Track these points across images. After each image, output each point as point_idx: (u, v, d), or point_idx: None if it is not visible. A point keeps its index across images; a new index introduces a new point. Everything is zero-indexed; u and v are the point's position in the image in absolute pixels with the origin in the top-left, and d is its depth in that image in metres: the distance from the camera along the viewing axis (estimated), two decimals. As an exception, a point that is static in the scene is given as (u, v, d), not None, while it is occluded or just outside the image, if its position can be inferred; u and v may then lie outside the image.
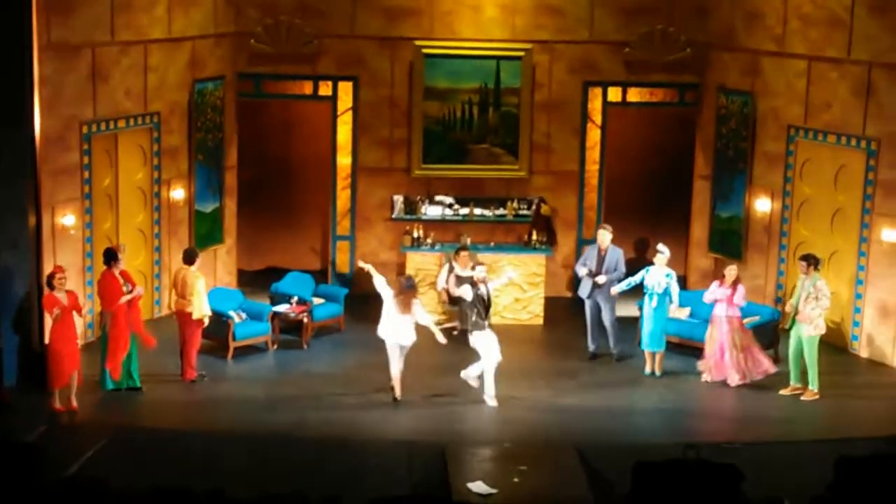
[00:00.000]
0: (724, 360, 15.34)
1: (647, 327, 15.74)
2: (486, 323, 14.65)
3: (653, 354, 15.82)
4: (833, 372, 15.89)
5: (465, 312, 17.15)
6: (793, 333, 15.13)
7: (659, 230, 19.75)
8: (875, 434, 12.79)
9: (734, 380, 15.29)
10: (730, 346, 15.31)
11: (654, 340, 15.73)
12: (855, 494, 8.37)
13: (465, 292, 14.71)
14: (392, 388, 14.76)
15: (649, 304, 15.72)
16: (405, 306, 14.69)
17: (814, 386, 15.02)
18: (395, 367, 14.72)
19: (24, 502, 8.75)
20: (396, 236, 18.55)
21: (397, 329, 14.70)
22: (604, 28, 18.65)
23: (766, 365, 15.40)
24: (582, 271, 16.31)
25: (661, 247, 15.97)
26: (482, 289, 14.71)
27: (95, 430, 13.57)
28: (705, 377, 15.51)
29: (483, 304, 14.61)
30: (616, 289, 16.13)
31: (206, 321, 15.33)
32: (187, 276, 15.19)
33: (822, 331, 15.02)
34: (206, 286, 15.47)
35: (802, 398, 15.02)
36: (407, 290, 14.86)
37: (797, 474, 11.96)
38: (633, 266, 16.95)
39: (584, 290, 16.42)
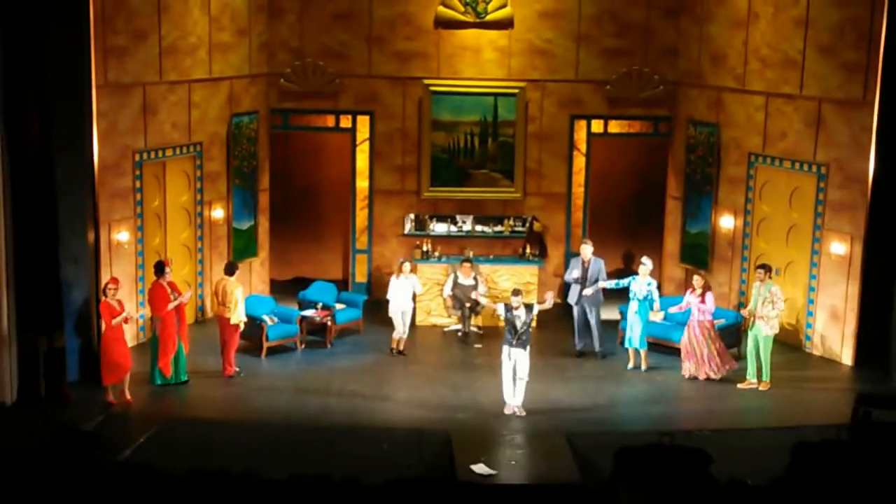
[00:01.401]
0: (702, 360, 15.28)
1: (634, 329, 15.71)
2: (514, 341, 13.80)
3: (637, 352, 15.79)
4: (789, 368, 15.87)
5: (467, 316, 17.20)
6: (751, 334, 15.11)
7: (637, 244, 19.75)
8: (825, 422, 12.68)
9: (715, 374, 15.25)
10: (705, 347, 15.24)
11: (641, 340, 15.72)
12: (809, 475, 8.34)
13: (499, 309, 14.10)
14: (396, 347, 16.33)
15: (633, 309, 15.70)
16: (398, 271, 16.43)
17: (767, 378, 15.05)
18: (398, 332, 16.25)
19: (83, 483, 8.73)
20: (408, 250, 18.51)
21: (397, 299, 16.24)
22: (588, 69, 18.62)
23: (731, 363, 15.39)
24: (587, 292, 16.20)
25: (644, 259, 16.00)
26: (515, 314, 13.80)
27: (146, 420, 13.56)
28: (689, 374, 15.45)
29: (511, 325, 13.80)
30: (603, 284, 16.15)
31: (242, 325, 15.31)
32: (227, 286, 15.19)
33: (776, 331, 15.01)
34: (242, 294, 15.45)
35: (759, 389, 15.01)
36: (401, 263, 16.53)
37: (758, 458, 11.89)
38: (620, 275, 16.91)
39: (572, 297, 16.39)
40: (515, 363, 13.85)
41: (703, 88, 18.02)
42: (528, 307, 14.00)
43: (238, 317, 15.13)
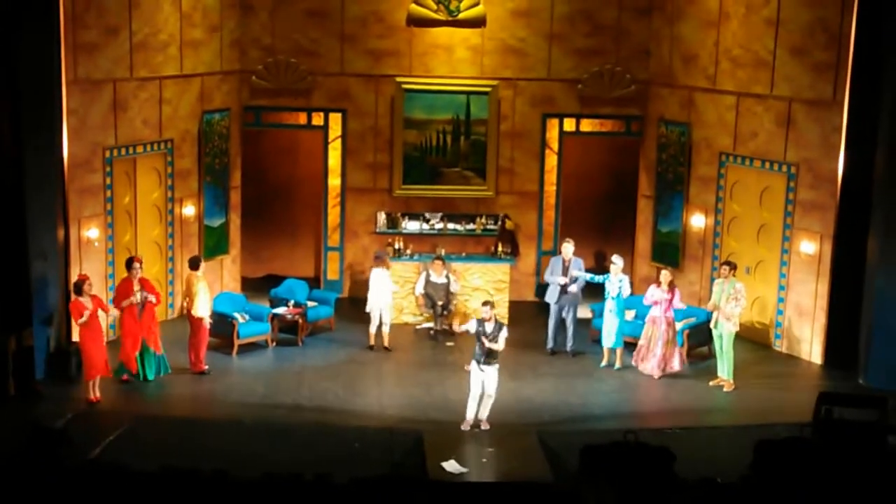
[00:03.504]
0: (664, 356, 15.43)
1: (609, 327, 15.84)
2: (482, 358, 13.32)
3: (612, 350, 15.92)
4: (758, 366, 16.08)
5: (439, 314, 17.28)
6: (715, 331, 15.27)
7: (608, 243, 19.90)
8: (792, 420, 12.87)
9: (655, 372, 15.41)
10: (662, 343, 15.40)
11: (617, 338, 15.86)
12: (772, 472, 8.48)
13: (470, 325, 13.61)
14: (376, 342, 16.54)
15: (608, 307, 15.85)
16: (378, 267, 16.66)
17: (730, 377, 15.18)
18: (373, 326, 16.47)
19: (52, 480, 8.75)
20: (380, 248, 18.53)
21: (376, 296, 16.41)
22: (560, 67, 18.72)
23: (679, 364, 15.51)
24: (560, 281, 16.36)
25: (615, 258, 16.14)
26: (485, 327, 13.35)
27: (116, 418, 13.55)
28: (640, 368, 15.62)
29: (479, 341, 13.33)
30: (577, 273, 16.27)
31: (207, 320, 15.28)
32: (190, 279, 15.28)
33: (737, 328, 15.16)
34: (207, 290, 15.38)
35: (724, 390, 15.15)
36: (377, 258, 16.79)
37: (727, 455, 12.03)
38: (594, 273, 17.03)
39: (552, 296, 16.49)
40: (484, 381, 13.43)
41: (675, 88, 18.17)
42: (500, 325, 13.50)
43: (198, 310, 15.15)
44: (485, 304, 13.82)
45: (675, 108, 18.20)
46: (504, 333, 13.46)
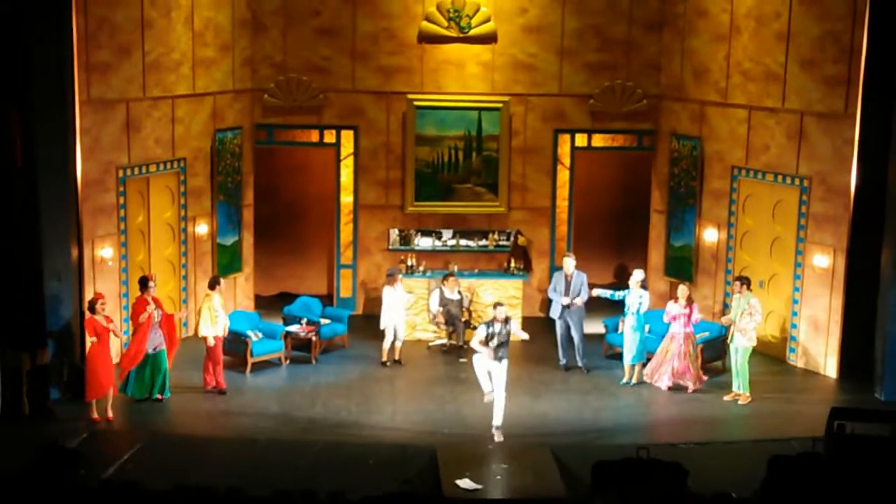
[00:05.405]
0: (679, 370, 15.43)
1: (631, 343, 15.82)
2: (498, 355, 13.57)
3: (633, 367, 15.90)
4: (773, 380, 16.02)
5: (461, 331, 17.25)
6: (731, 346, 15.25)
7: (621, 258, 19.89)
8: (807, 434, 12.81)
9: (664, 384, 15.41)
10: (683, 358, 15.39)
11: (637, 354, 15.83)
12: (786, 488, 8.47)
13: (481, 331, 13.71)
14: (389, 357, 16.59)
15: (629, 322, 15.84)
16: (391, 285, 16.67)
17: (746, 391, 15.16)
18: (387, 342, 16.51)
19: (66, 500, 8.79)
20: (392, 265, 18.57)
21: (391, 313, 16.44)
22: (571, 83, 18.76)
23: (693, 382, 15.50)
24: (564, 301, 16.37)
25: (635, 272, 16.14)
26: (497, 327, 13.58)
27: (129, 437, 13.59)
28: (656, 383, 15.60)
29: (488, 343, 13.58)
30: (598, 293, 16.32)
31: (211, 340, 15.18)
32: (202, 300, 15.31)
33: (754, 343, 15.14)
34: (214, 310, 15.23)
35: (739, 403, 15.13)
36: (389, 276, 16.73)
37: (742, 470, 12.00)
38: (613, 288, 16.97)
39: (555, 312, 16.51)
40: (491, 375, 13.62)
41: (686, 102, 18.19)
42: (506, 320, 13.76)
43: (200, 330, 15.18)
44: (496, 305, 13.95)
45: (686, 123, 18.21)
46: (516, 325, 13.76)
